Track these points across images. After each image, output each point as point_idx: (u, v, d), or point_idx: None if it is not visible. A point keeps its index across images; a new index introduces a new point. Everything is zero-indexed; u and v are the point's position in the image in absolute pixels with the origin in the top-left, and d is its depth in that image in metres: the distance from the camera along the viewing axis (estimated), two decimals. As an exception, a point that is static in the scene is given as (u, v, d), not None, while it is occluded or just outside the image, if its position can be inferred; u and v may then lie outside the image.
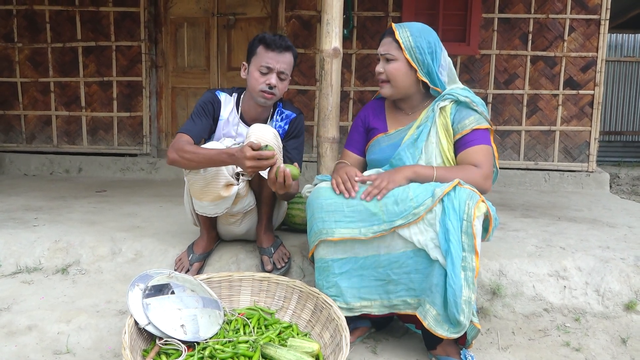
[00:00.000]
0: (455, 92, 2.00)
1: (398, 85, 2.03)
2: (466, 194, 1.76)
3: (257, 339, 1.79)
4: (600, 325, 2.17)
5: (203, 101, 2.30)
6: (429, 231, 1.78)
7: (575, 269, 2.34)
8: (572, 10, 4.77)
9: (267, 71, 2.19)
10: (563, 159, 4.92)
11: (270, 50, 2.18)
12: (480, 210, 1.75)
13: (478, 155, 1.95)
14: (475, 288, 1.75)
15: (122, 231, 2.73)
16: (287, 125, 2.37)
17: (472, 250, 1.73)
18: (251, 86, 2.24)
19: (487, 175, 1.93)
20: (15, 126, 5.24)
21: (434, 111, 2.01)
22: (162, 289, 1.83)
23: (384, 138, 2.10)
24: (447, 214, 1.75)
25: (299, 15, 4.92)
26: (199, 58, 5.14)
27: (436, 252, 1.77)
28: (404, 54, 1.98)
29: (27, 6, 5.06)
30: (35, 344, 1.94)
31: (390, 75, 2.02)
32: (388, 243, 1.84)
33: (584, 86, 4.84)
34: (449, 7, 4.84)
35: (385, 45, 2.04)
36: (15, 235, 2.61)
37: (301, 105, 4.99)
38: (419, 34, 1.99)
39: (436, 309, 1.78)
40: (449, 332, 1.78)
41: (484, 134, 1.99)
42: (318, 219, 1.88)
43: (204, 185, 2.11)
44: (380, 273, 1.87)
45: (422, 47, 1.97)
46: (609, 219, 3.34)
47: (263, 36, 2.21)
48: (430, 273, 1.80)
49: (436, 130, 1.99)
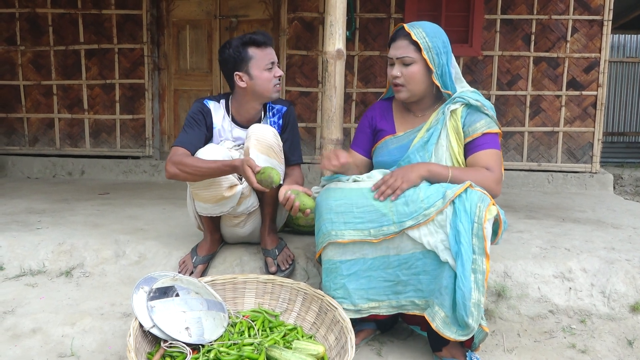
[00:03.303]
0: (466, 95, 1.98)
1: (415, 89, 1.99)
2: (477, 196, 1.75)
3: (261, 342, 1.78)
4: (606, 327, 2.15)
5: (193, 112, 2.29)
6: (439, 233, 1.77)
7: (580, 270, 2.32)
8: (575, 11, 4.76)
9: (272, 66, 2.22)
10: (566, 160, 4.91)
11: (264, 47, 2.21)
12: (491, 213, 1.74)
13: (489, 159, 1.93)
14: (484, 291, 1.74)
15: (125, 234, 2.73)
16: (281, 119, 2.38)
17: (483, 252, 1.72)
18: (263, 87, 2.23)
19: (499, 180, 1.91)
20: (17, 129, 5.24)
21: (445, 114, 1.98)
22: (167, 292, 1.83)
23: (392, 140, 2.09)
24: (458, 215, 1.74)
25: (301, 17, 4.92)
26: (201, 60, 5.15)
27: (446, 254, 1.75)
28: (422, 55, 1.94)
29: (29, 9, 5.07)
30: (40, 347, 1.94)
31: (409, 78, 1.97)
32: (397, 244, 1.83)
33: (587, 87, 4.83)
34: (452, 9, 4.84)
35: (401, 48, 1.97)
36: (18, 238, 2.61)
37: (304, 107, 4.99)
38: (434, 34, 1.96)
39: (445, 311, 1.77)
40: (457, 335, 1.77)
41: (494, 138, 1.97)
42: (327, 220, 1.86)
43: (207, 186, 2.11)
44: (389, 274, 1.86)
45: (439, 46, 1.95)
46: (613, 220, 3.32)
47: (250, 38, 2.20)
48: (439, 275, 1.79)
49: (447, 133, 1.97)
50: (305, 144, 4.99)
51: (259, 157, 2.12)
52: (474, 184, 1.81)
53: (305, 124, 4.98)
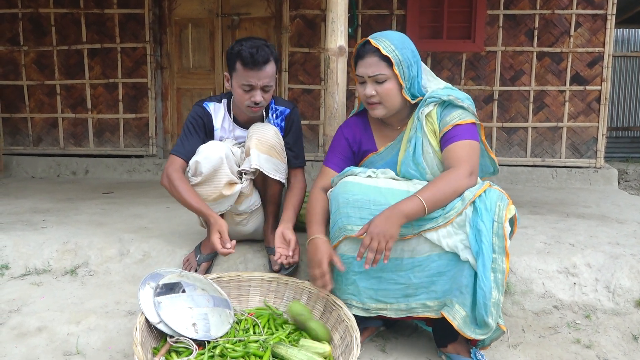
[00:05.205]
0: (437, 94, 1.89)
1: (392, 105, 1.89)
2: (496, 195, 1.74)
3: (267, 339, 1.78)
4: (611, 322, 2.15)
5: (193, 117, 2.25)
6: (458, 233, 1.75)
7: (585, 265, 2.32)
8: (578, 6, 4.74)
9: (250, 89, 2.09)
10: (570, 155, 4.90)
11: (249, 69, 2.05)
12: (510, 213, 1.73)
13: (459, 152, 1.82)
14: (503, 290, 1.72)
15: (129, 232, 2.73)
16: (283, 122, 2.32)
17: (503, 251, 1.70)
18: (237, 100, 2.17)
19: (470, 172, 1.79)
20: (22, 129, 5.26)
21: (420, 119, 1.90)
22: (174, 288, 1.84)
23: (376, 158, 2.01)
24: (479, 214, 1.72)
25: (303, 14, 4.91)
26: (203, 59, 5.15)
27: (466, 253, 1.73)
28: (393, 70, 1.84)
29: (32, 9, 5.08)
30: (46, 345, 1.95)
31: (384, 96, 1.87)
32: (413, 247, 1.80)
33: (590, 82, 4.81)
34: (454, 4, 4.83)
35: (372, 65, 1.85)
36: (23, 238, 2.62)
37: (306, 104, 4.99)
38: (402, 45, 1.86)
39: (466, 310, 1.75)
40: (476, 334, 1.76)
41: (468, 128, 1.86)
42: (343, 214, 1.81)
43: (205, 182, 2.11)
44: (401, 276, 1.82)
45: (409, 58, 1.86)
46: (618, 215, 3.31)
47: (239, 52, 2.05)
48: (457, 274, 1.76)
49: (428, 139, 1.90)
50: (308, 141, 4.99)
51: (260, 157, 2.11)
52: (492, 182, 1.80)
53: (308, 121, 4.98)
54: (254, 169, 2.12)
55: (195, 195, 2.12)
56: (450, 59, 4.86)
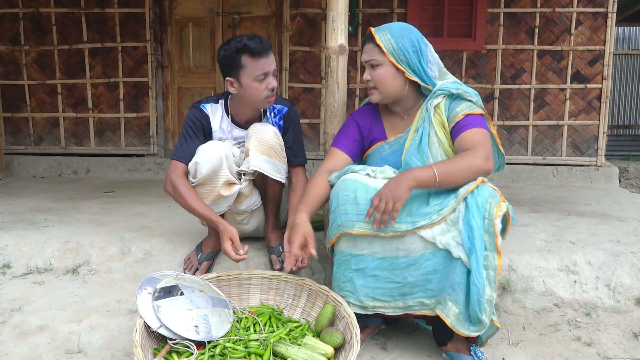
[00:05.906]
0: (446, 86, 1.95)
1: (387, 90, 1.97)
2: (488, 192, 1.74)
3: (267, 337, 1.79)
4: (611, 320, 2.15)
5: (190, 119, 2.25)
6: (451, 230, 1.76)
7: (585, 263, 2.32)
8: (579, 4, 4.73)
9: (264, 77, 2.13)
10: (571, 153, 4.89)
11: (259, 57, 2.10)
12: (501, 210, 1.72)
13: (474, 137, 1.87)
14: (495, 287, 1.73)
15: (131, 231, 2.74)
16: (282, 120, 2.32)
17: (494, 248, 1.71)
18: (253, 97, 2.16)
19: (487, 155, 1.84)
20: (23, 128, 5.27)
21: (428, 110, 1.96)
22: (171, 291, 1.83)
23: (384, 146, 2.06)
24: (470, 211, 1.73)
25: (304, 13, 4.91)
26: (204, 58, 5.15)
27: (459, 250, 1.74)
28: (387, 58, 1.93)
29: (33, 9, 5.08)
30: (47, 344, 1.95)
31: (378, 81, 1.96)
32: (407, 245, 1.81)
33: (591, 80, 4.80)
34: (455, 3, 4.82)
35: (367, 52, 1.98)
36: (25, 237, 2.63)
37: (307, 103, 4.99)
38: (400, 35, 1.93)
39: (459, 307, 1.76)
40: (470, 331, 1.76)
41: (479, 118, 1.92)
42: (342, 211, 1.84)
43: (203, 182, 2.11)
44: (397, 275, 1.84)
45: (406, 47, 1.92)
46: (618, 213, 3.31)
47: (244, 46, 2.09)
48: (450, 272, 1.77)
49: (435, 130, 1.95)
50: (309, 140, 4.99)
51: (259, 158, 2.11)
52: (485, 179, 1.80)
53: (309, 120, 4.98)
54: (253, 170, 2.13)
55: (201, 202, 2.13)
56: (450, 57, 4.86)
